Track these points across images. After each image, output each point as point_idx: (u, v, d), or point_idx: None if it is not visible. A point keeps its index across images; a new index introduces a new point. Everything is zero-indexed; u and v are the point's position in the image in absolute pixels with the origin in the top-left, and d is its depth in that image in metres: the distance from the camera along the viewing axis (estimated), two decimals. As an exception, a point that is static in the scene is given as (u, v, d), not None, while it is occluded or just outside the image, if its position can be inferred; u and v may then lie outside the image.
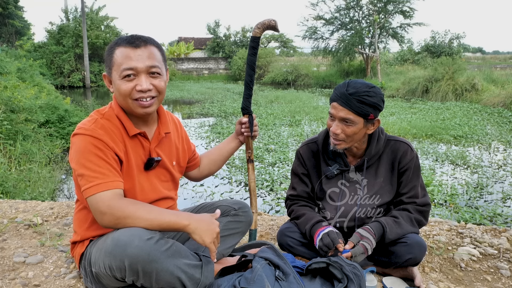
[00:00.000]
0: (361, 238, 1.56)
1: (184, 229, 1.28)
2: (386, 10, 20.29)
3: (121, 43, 1.38)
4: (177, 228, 1.29)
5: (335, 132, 1.59)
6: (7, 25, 27.67)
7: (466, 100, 12.82)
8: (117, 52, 1.36)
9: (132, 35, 1.39)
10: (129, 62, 1.34)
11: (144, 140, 1.48)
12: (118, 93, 1.38)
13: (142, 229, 1.24)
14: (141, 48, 1.36)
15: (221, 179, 5.04)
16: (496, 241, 2.10)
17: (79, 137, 1.34)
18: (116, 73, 1.36)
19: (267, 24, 1.70)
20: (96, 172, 1.29)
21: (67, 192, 4.77)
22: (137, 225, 1.26)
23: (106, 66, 1.42)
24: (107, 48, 1.42)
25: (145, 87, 1.36)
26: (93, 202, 1.28)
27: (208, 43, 33.88)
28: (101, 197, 1.27)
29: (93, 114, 1.44)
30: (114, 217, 1.26)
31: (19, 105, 6.07)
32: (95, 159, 1.30)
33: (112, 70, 1.38)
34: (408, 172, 1.67)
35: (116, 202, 1.28)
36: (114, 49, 1.38)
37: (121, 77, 1.35)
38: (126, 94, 1.37)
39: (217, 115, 10.83)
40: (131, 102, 1.38)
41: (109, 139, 1.35)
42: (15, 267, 1.70)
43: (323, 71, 23.97)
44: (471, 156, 6.09)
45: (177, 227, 1.29)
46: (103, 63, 23.75)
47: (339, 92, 1.57)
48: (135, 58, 1.35)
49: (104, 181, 1.29)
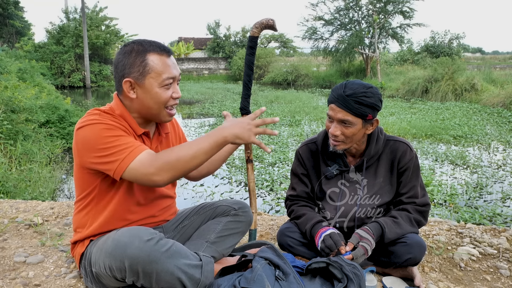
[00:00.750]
0: (360, 239, 1.57)
1: (226, 141, 1.29)
2: (386, 11, 20.29)
3: (153, 49, 1.36)
4: (219, 144, 1.29)
5: (334, 133, 1.60)
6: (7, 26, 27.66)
7: (465, 100, 12.82)
8: (153, 59, 1.35)
9: (156, 43, 1.39)
10: (170, 71, 1.37)
11: (147, 140, 1.48)
12: (154, 101, 1.37)
13: (142, 230, 1.24)
14: (172, 56, 1.40)
15: (221, 179, 5.05)
16: (496, 241, 2.11)
17: (87, 128, 1.30)
18: (155, 81, 1.35)
19: (265, 23, 1.70)
20: (120, 146, 1.28)
21: (67, 192, 4.77)
22: (189, 164, 1.26)
23: (134, 71, 1.35)
24: (134, 53, 1.36)
25: (180, 94, 1.44)
26: (134, 170, 1.25)
27: (208, 43, 33.89)
28: (140, 161, 1.25)
29: (92, 110, 1.40)
30: (165, 170, 1.24)
31: (20, 105, 6.08)
32: (112, 138, 1.29)
33: (146, 77, 1.35)
34: (407, 172, 1.68)
35: (156, 157, 1.26)
36: (147, 55, 1.35)
37: (162, 85, 1.36)
38: (164, 102, 1.39)
39: (217, 115, 10.83)
40: (163, 110, 1.41)
41: (119, 126, 1.35)
42: (16, 267, 1.71)
43: (323, 71, 23.98)
44: (470, 156, 6.09)
45: (219, 144, 1.29)
46: (103, 63, 23.97)
47: (336, 93, 1.57)
48: (172, 66, 1.38)
49: (133, 148, 1.28)
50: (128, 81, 1.37)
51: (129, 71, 1.36)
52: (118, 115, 1.41)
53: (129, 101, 1.41)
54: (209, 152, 1.28)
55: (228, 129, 1.29)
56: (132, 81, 1.37)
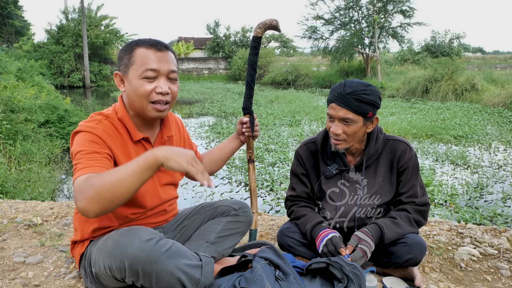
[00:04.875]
0: (359, 241, 1.56)
1: (156, 162, 1.14)
2: (386, 10, 20.29)
3: (142, 43, 1.36)
4: (150, 165, 1.14)
5: (336, 132, 1.59)
6: (6, 25, 27.66)
7: (466, 100, 12.82)
8: (139, 52, 1.35)
9: (151, 39, 1.39)
10: (152, 63, 1.34)
11: (147, 145, 1.47)
12: (135, 93, 1.35)
13: (142, 230, 1.24)
14: (163, 52, 1.37)
15: (221, 179, 5.04)
16: (496, 241, 2.10)
17: (79, 135, 1.33)
18: (136, 72, 1.34)
19: (269, 24, 1.70)
20: (84, 160, 1.25)
21: (67, 192, 4.77)
22: (116, 191, 1.11)
23: (121, 64, 1.38)
24: (125, 46, 1.39)
25: (165, 90, 1.35)
26: (74, 190, 1.17)
27: (208, 43, 33.87)
28: (77, 183, 1.16)
29: (95, 115, 1.42)
30: (88, 200, 1.11)
31: (19, 105, 6.07)
32: (88, 150, 1.28)
33: (129, 69, 1.36)
34: (407, 171, 1.67)
35: (85, 183, 1.15)
36: (134, 48, 1.36)
37: (142, 77, 1.34)
38: (145, 95, 1.35)
39: (217, 115, 10.83)
40: (147, 104, 1.37)
41: (108, 139, 1.35)
42: (15, 267, 1.70)
43: (323, 71, 23.98)
44: (471, 156, 6.09)
45: (149, 165, 1.14)
46: (103, 63, 23.98)
47: (336, 92, 1.57)
48: (158, 60, 1.35)
49: (86, 166, 1.21)
50: (117, 74, 1.41)
51: (119, 64, 1.40)
52: (119, 119, 1.41)
53: (124, 96, 1.43)
54: (138, 173, 1.13)
55: (162, 150, 1.15)
56: (120, 74, 1.40)
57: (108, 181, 1.12)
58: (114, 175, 1.13)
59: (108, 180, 1.12)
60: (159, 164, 1.15)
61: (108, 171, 1.17)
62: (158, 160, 1.14)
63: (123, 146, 1.40)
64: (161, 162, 1.15)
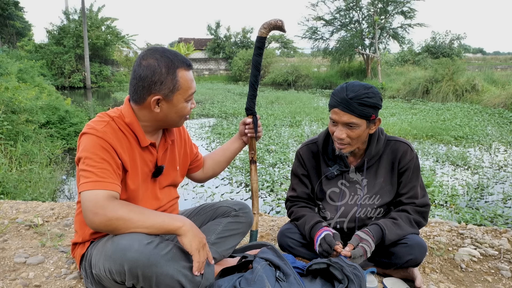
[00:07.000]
0: (360, 241, 1.56)
1: (177, 231, 1.25)
2: (386, 11, 20.30)
3: (180, 65, 1.36)
4: (169, 230, 1.25)
5: (340, 137, 1.59)
6: (7, 26, 27.69)
7: (466, 101, 12.82)
8: (182, 76, 1.36)
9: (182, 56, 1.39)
10: (194, 86, 1.42)
11: (153, 149, 1.48)
12: (178, 114, 1.41)
13: (142, 233, 1.23)
14: (191, 69, 1.43)
15: (221, 179, 5.04)
16: (497, 242, 2.10)
17: (88, 136, 1.32)
18: (182, 97, 1.38)
19: (274, 24, 1.69)
20: (97, 170, 1.27)
21: (67, 192, 4.77)
22: (129, 227, 1.22)
23: (163, 88, 1.34)
24: (165, 68, 1.33)
25: (195, 106, 1.49)
26: (87, 199, 1.23)
27: (208, 44, 33.88)
28: (96, 195, 1.23)
29: (103, 115, 1.40)
30: (106, 218, 1.20)
31: (20, 106, 6.08)
32: (99, 159, 1.28)
33: (175, 93, 1.36)
34: (407, 172, 1.67)
35: (110, 202, 1.23)
36: (176, 72, 1.35)
37: (187, 100, 1.41)
38: (186, 115, 1.45)
39: (218, 116, 10.83)
40: (182, 120, 1.46)
41: (117, 145, 1.34)
42: (16, 268, 1.70)
43: (324, 72, 23.99)
44: (471, 157, 6.09)
45: (170, 229, 1.25)
46: (103, 63, 23.97)
47: (338, 97, 1.56)
48: (193, 80, 1.42)
49: (102, 180, 1.26)
50: (157, 100, 1.36)
51: (159, 88, 1.34)
52: (127, 124, 1.40)
53: (147, 112, 1.39)
54: (157, 227, 1.24)
55: (187, 226, 1.26)
56: (161, 98, 1.36)
57: (130, 218, 1.23)
58: (139, 219, 1.23)
59: (131, 218, 1.23)
60: (177, 233, 1.26)
61: (135, 208, 1.26)
62: (178, 232, 1.25)
63: (130, 150, 1.40)
64: (179, 234, 1.25)
